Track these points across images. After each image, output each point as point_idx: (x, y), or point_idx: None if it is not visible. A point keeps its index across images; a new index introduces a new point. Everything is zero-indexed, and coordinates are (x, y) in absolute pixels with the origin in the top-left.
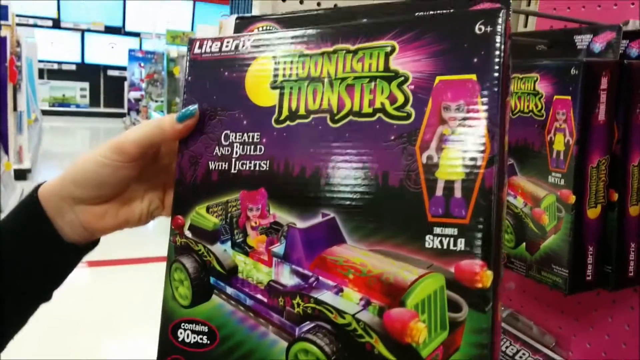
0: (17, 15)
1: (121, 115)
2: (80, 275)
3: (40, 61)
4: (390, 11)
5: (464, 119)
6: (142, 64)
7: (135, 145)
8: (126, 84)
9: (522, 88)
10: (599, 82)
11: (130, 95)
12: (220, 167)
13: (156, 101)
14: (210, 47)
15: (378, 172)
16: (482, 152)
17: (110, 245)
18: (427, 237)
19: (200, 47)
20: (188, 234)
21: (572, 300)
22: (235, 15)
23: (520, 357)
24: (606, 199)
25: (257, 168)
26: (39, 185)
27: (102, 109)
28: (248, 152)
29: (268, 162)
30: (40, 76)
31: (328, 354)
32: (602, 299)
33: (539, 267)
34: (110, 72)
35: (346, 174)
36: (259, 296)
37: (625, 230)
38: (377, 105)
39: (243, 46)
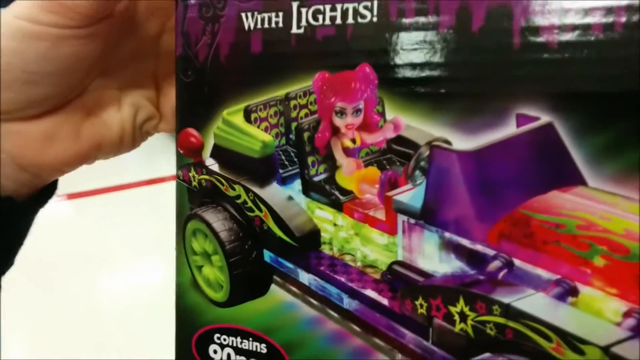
0: None
1: None
2: (60, 210)
3: None
4: None
5: None
6: None
7: None
8: None
9: None
10: None
11: None
12: (266, 24)
13: None
14: None
15: None
16: None
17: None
18: None
19: None
20: (211, 163)
21: None
22: None
23: None
24: None
25: (357, 21)
26: None
27: None
28: None
29: (376, 8)
30: None
31: None
32: None
33: None
34: None
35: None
36: (370, 293)
37: None
38: None
39: None
